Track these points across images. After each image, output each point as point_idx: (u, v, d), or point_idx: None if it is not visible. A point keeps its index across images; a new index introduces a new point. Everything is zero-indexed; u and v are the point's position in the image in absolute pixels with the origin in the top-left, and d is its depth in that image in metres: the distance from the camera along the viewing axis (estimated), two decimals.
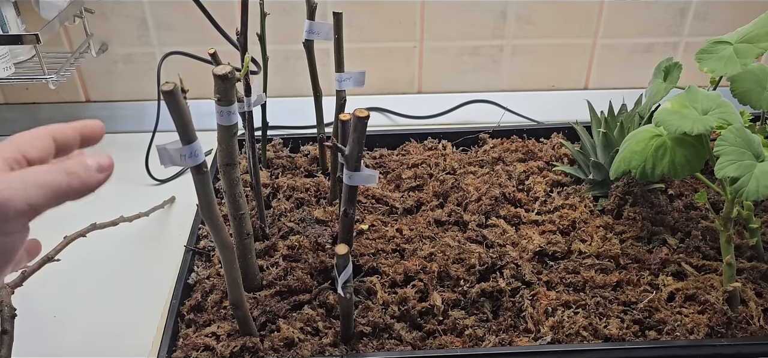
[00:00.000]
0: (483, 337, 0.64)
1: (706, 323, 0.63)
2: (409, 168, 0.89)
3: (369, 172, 0.61)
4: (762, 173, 0.56)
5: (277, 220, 0.79)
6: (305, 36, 0.77)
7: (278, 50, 1.09)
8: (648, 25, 1.11)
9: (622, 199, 0.79)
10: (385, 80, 1.15)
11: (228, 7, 1.04)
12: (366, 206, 0.82)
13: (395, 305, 0.66)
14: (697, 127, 0.61)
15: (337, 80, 0.76)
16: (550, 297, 0.67)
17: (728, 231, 0.63)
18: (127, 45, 1.08)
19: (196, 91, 0.94)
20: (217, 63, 0.63)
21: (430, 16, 1.08)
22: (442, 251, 0.72)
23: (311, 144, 0.96)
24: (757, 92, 0.71)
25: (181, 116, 0.46)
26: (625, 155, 0.68)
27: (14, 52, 0.99)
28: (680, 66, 0.77)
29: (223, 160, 0.59)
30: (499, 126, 0.98)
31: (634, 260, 0.72)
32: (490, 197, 0.81)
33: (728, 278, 0.65)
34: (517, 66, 1.15)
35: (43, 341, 0.69)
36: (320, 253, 0.73)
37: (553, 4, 1.08)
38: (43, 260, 0.69)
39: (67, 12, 0.96)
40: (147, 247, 0.83)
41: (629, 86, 1.16)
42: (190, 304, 0.67)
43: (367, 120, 0.56)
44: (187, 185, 0.63)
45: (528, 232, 0.76)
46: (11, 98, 1.13)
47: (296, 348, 0.62)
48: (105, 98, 1.14)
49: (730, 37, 0.74)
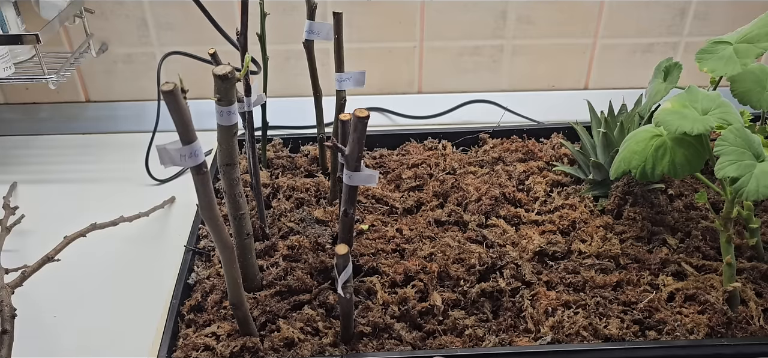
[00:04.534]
0: (483, 337, 0.64)
1: (706, 323, 0.63)
2: (409, 168, 0.89)
3: (369, 172, 0.61)
4: (762, 173, 0.56)
5: (277, 220, 0.79)
6: (305, 36, 0.77)
7: (278, 50, 1.09)
8: (648, 25, 1.11)
9: (622, 199, 0.79)
10: (385, 80, 1.15)
11: (228, 7, 1.04)
12: (366, 206, 0.82)
13: (395, 305, 0.66)
14: (697, 127, 0.61)
15: (337, 80, 0.76)
16: (550, 297, 0.67)
17: (728, 231, 0.63)
18: (127, 45, 1.08)
19: (196, 91, 0.94)
20: (217, 63, 0.63)
21: (430, 16, 1.08)
22: (442, 251, 0.72)
23: (311, 144, 0.96)
24: (757, 92, 0.71)
25: (181, 116, 0.46)
26: (625, 155, 0.68)
27: (14, 52, 0.99)
28: (680, 66, 0.77)
29: (223, 160, 0.59)
30: (499, 126, 0.98)
31: (634, 260, 0.72)
32: (490, 197, 0.81)
33: (728, 278, 0.65)
34: (517, 66, 1.15)
35: (43, 341, 0.69)
36: (320, 253, 0.73)
37: (553, 4, 1.08)
38: (43, 260, 0.69)
39: (67, 12, 0.96)
40: (147, 247, 0.83)
41: (629, 86, 1.16)
42: (190, 304, 0.67)
43: (367, 120, 0.56)
44: (187, 185, 0.63)
45: (528, 232, 0.76)
46: (11, 98, 1.13)
47: (296, 348, 0.62)
48: (105, 98, 1.14)
49: (730, 37, 0.74)
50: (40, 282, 0.68)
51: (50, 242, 0.70)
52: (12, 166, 1.01)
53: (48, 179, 0.98)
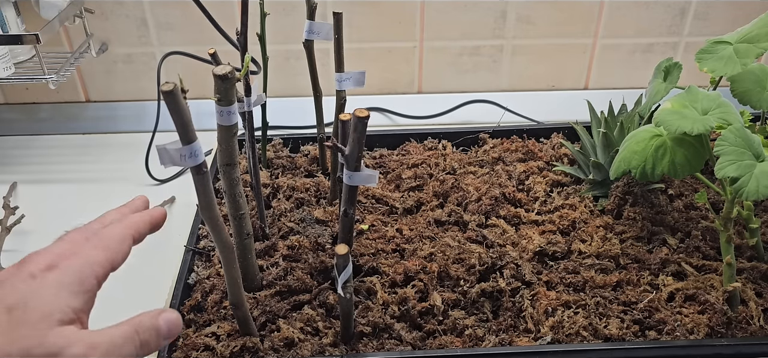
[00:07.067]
0: (483, 337, 0.64)
1: (706, 323, 0.63)
2: (409, 168, 0.89)
3: (369, 172, 0.61)
4: (762, 173, 0.56)
5: (277, 220, 0.79)
6: (305, 36, 0.77)
7: (278, 50, 1.09)
8: (648, 25, 1.11)
9: (622, 199, 0.79)
10: (385, 80, 1.15)
11: (228, 7, 1.04)
12: (366, 206, 0.82)
13: (395, 305, 0.66)
14: (697, 127, 0.61)
15: (337, 80, 0.76)
16: (550, 297, 0.67)
17: (728, 231, 0.63)
18: (127, 45, 1.08)
19: (196, 91, 0.94)
20: (217, 63, 0.63)
21: (430, 16, 1.08)
22: (442, 251, 0.72)
23: (311, 144, 0.96)
24: (757, 92, 0.71)
25: (181, 116, 0.46)
26: (625, 155, 0.68)
27: (14, 52, 0.99)
28: (680, 66, 0.77)
29: (223, 160, 0.59)
30: (499, 126, 0.98)
31: (634, 260, 0.72)
32: (490, 197, 0.81)
33: (728, 278, 0.65)
34: (517, 66, 1.15)
35: None
36: (320, 253, 0.73)
37: (553, 4, 1.08)
38: None
39: (67, 12, 0.96)
40: (147, 247, 0.82)
41: (629, 86, 1.16)
42: (190, 304, 0.67)
43: (367, 120, 0.56)
44: (187, 185, 0.63)
45: (528, 232, 0.76)
46: (11, 98, 1.13)
47: (296, 348, 0.62)
48: (105, 98, 1.14)
49: (730, 37, 0.74)
50: None
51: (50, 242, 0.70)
52: (12, 166, 1.01)
53: (48, 179, 0.98)
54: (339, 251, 0.53)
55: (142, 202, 0.59)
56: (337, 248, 0.53)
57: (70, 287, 0.44)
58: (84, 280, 0.46)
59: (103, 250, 0.48)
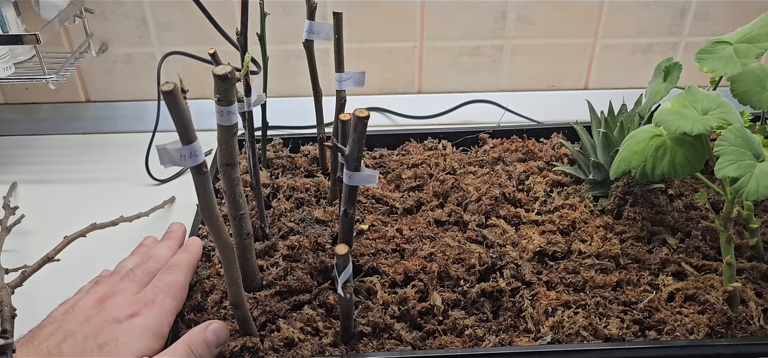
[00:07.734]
0: (483, 337, 0.64)
1: (706, 323, 0.63)
2: (409, 168, 0.89)
3: (369, 172, 0.61)
4: (762, 173, 0.56)
5: (277, 220, 0.79)
6: (305, 36, 0.77)
7: (278, 50, 1.09)
8: (648, 25, 1.11)
9: (622, 199, 0.79)
10: (385, 80, 1.15)
11: (228, 7, 1.04)
12: (366, 206, 0.82)
13: (395, 305, 0.66)
14: (697, 127, 0.61)
15: (337, 80, 0.76)
16: (550, 297, 0.67)
17: (728, 231, 0.63)
18: (127, 45, 1.08)
19: (196, 91, 0.94)
20: (217, 63, 0.63)
21: (430, 16, 1.08)
22: (442, 251, 0.72)
23: (311, 144, 0.96)
24: (757, 92, 0.71)
25: (181, 116, 0.46)
26: (625, 155, 0.68)
27: (14, 52, 0.99)
28: (680, 66, 0.77)
29: (223, 160, 0.59)
30: (499, 126, 0.98)
31: (634, 260, 0.72)
32: (490, 197, 0.81)
33: (728, 278, 0.65)
34: (517, 66, 1.15)
35: None
36: (320, 253, 0.73)
37: (553, 4, 1.08)
38: (43, 260, 0.69)
39: (67, 12, 0.96)
40: None
41: (629, 86, 1.16)
42: (190, 304, 0.67)
43: (367, 120, 0.56)
44: (187, 185, 0.63)
45: (528, 232, 0.76)
46: (11, 98, 1.13)
47: (296, 348, 0.62)
48: (105, 98, 1.14)
49: (730, 37, 0.74)
50: (40, 282, 0.68)
51: (50, 242, 0.71)
52: (12, 166, 1.02)
53: (48, 179, 0.98)
54: (339, 251, 0.53)
55: (182, 231, 0.71)
56: (337, 248, 0.53)
57: (153, 332, 0.54)
58: (162, 327, 0.56)
59: (173, 299, 0.59)
